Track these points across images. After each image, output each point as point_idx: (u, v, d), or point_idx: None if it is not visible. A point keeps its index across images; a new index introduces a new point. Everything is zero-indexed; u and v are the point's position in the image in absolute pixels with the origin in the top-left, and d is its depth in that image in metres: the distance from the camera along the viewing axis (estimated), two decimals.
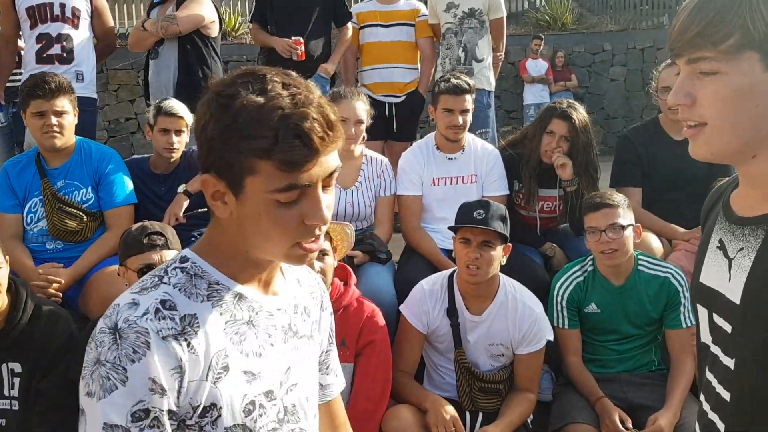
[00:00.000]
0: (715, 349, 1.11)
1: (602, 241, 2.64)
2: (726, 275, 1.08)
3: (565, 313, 2.77)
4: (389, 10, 4.35)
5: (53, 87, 2.89)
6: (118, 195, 3.05)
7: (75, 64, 3.73)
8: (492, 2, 4.46)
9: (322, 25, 4.27)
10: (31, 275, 2.80)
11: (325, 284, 2.37)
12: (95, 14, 3.88)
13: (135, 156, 3.45)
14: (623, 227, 2.64)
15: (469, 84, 3.19)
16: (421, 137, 3.56)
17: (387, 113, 4.30)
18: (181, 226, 3.10)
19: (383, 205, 3.22)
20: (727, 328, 1.07)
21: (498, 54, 4.69)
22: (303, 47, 4.08)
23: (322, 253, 2.38)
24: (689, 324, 2.70)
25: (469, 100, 3.17)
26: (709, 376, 1.13)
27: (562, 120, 3.16)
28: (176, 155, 3.20)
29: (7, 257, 2.30)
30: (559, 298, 2.78)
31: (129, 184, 3.11)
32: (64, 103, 2.93)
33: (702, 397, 1.15)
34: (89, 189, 3.02)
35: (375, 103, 4.18)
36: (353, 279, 2.62)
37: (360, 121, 3.10)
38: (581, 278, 2.79)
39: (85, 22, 3.80)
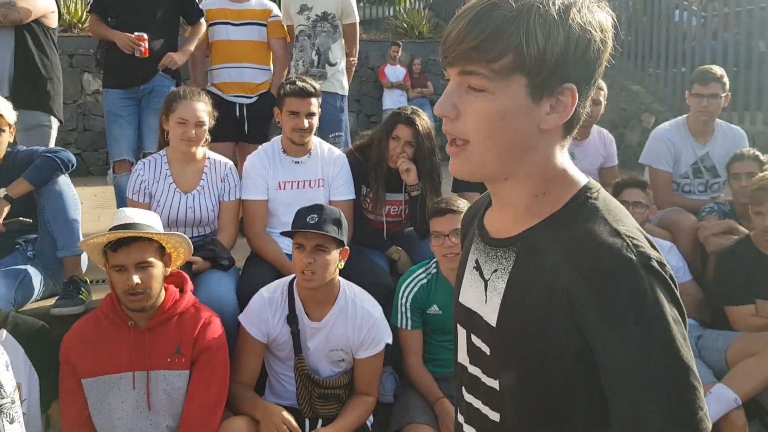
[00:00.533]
0: (475, 371, 1.09)
1: (446, 245, 2.73)
2: (483, 297, 1.07)
3: (408, 315, 2.83)
4: (240, 8, 4.25)
5: None
6: None
7: None
8: (345, 7, 4.48)
9: (170, 20, 4.08)
10: None
11: (150, 296, 2.28)
12: None
13: None
14: None
15: (314, 87, 3.17)
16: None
17: (237, 114, 4.20)
18: (5, 233, 2.85)
19: (227, 209, 3.12)
20: (486, 350, 1.06)
21: (351, 59, 4.72)
22: (147, 44, 3.88)
23: (143, 265, 2.28)
24: None
25: (315, 104, 3.15)
26: (470, 398, 1.11)
27: (406, 126, 3.23)
28: None
29: None
30: (403, 300, 2.84)
31: None
32: None
33: (461, 419, 1.14)
34: None
35: (225, 104, 4.08)
36: (189, 285, 2.53)
37: (200, 123, 3.00)
38: (425, 280, 2.86)
39: None
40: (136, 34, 3.85)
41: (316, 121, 3.17)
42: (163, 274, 2.38)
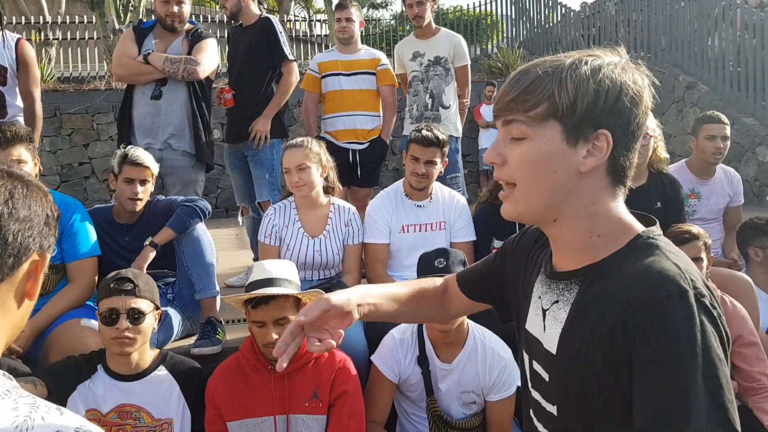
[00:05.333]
0: (536, 395, 1.18)
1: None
2: (542, 325, 1.16)
3: None
4: (351, 59, 4.44)
5: (8, 136, 2.84)
6: (82, 247, 2.98)
7: (9, 117, 3.60)
8: (457, 50, 4.61)
9: (257, 69, 4.16)
10: None
11: None
12: (20, 66, 3.63)
13: (97, 205, 3.39)
14: None
15: (438, 138, 3.20)
16: (389, 183, 3.59)
17: (350, 160, 4.36)
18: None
19: (351, 253, 3.23)
20: (545, 376, 1.14)
21: (464, 100, 4.83)
22: (228, 95, 4.14)
23: (282, 321, 2.36)
24: None
25: (436, 153, 3.19)
26: (537, 423, 1.19)
27: None
28: (140, 205, 3.16)
29: None
30: None
31: (93, 236, 3.05)
32: (20, 151, 2.88)
33: None
34: None
35: (339, 150, 4.24)
36: None
37: (302, 168, 3.10)
38: None
39: (13, 76, 3.64)
40: (220, 86, 4.17)
41: (436, 169, 3.22)
42: None
